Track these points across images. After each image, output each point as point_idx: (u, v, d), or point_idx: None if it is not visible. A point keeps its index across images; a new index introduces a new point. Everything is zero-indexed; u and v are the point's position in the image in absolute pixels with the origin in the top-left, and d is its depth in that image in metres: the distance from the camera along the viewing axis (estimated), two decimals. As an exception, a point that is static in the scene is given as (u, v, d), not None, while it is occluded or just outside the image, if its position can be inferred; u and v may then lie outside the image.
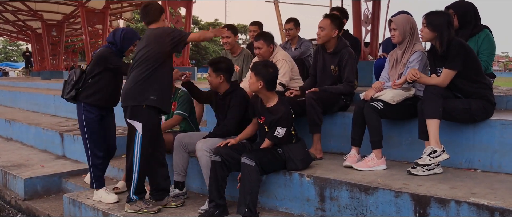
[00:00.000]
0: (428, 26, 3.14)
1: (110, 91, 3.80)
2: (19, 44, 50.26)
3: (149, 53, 3.38)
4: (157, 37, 3.41)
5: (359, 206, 2.96)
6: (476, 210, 2.44)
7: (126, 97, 3.46)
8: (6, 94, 12.04)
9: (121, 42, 3.75)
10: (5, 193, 5.41)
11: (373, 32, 8.79)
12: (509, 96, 3.85)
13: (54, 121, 7.87)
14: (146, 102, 3.38)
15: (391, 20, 3.49)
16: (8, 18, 20.03)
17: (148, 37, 3.46)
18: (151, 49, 3.38)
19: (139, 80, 3.39)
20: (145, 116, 3.42)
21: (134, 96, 3.41)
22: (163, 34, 3.40)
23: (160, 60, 3.40)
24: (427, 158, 3.04)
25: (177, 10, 10.05)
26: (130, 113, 3.45)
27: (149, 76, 3.39)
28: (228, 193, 3.42)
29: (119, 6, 18.01)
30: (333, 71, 3.92)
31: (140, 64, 3.41)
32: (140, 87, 3.38)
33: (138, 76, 3.40)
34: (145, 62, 3.38)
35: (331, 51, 3.92)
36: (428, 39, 3.20)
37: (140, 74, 3.39)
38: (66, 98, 3.86)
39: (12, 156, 6.42)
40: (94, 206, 3.80)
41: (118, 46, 3.76)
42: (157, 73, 3.41)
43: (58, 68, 19.19)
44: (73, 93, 3.76)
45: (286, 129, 3.27)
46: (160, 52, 3.39)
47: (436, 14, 3.16)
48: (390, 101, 3.32)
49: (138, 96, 3.39)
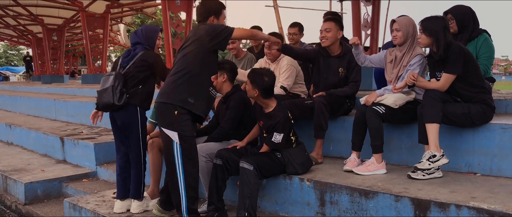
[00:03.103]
0: (424, 32, 3.15)
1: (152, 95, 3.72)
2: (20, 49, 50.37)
3: (188, 51, 3.16)
4: (196, 34, 3.20)
5: (359, 210, 2.96)
6: (476, 214, 2.44)
7: (160, 97, 3.20)
8: (7, 99, 12.06)
9: (146, 39, 3.60)
10: (6, 198, 5.41)
11: (372, 36, 8.81)
12: (508, 100, 3.85)
13: (55, 125, 7.88)
14: (182, 104, 3.10)
15: (394, 20, 3.49)
16: (9, 23, 20.12)
17: (190, 34, 3.26)
18: (191, 46, 3.16)
19: (175, 80, 3.15)
20: (180, 122, 3.12)
21: (168, 96, 3.14)
22: (205, 30, 3.16)
23: (200, 59, 3.15)
24: (427, 162, 3.04)
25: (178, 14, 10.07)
26: (162, 120, 3.18)
27: (188, 77, 3.13)
28: (228, 197, 3.42)
29: (120, 10, 18.08)
30: (341, 74, 3.94)
31: (177, 63, 3.20)
32: (178, 89, 3.12)
33: (175, 76, 3.16)
34: (184, 62, 3.16)
35: (338, 54, 3.95)
36: (425, 45, 3.22)
37: (176, 73, 3.15)
38: (119, 105, 3.49)
39: (13, 161, 6.43)
40: (94, 210, 3.81)
41: (145, 45, 3.60)
42: (197, 74, 3.15)
43: (59, 73, 19.24)
44: (125, 99, 3.50)
45: (284, 134, 3.27)
46: (201, 50, 3.15)
47: (431, 19, 3.18)
48: (393, 105, 3.32)
49: (174, 97, 3.12)
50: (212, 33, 3.13)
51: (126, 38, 27.48)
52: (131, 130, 3.59)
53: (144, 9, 18.20)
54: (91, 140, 5.87)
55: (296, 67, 4.14)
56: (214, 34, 3.13)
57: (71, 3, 15.28)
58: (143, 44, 3.60)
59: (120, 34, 26.22)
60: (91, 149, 5.65)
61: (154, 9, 20.88)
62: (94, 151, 5.61)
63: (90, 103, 7.62)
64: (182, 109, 3.11)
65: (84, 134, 6.57)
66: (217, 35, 3.14)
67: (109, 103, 3.51)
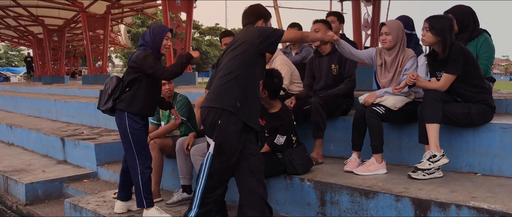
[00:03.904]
0: (431, 30, 3.12)
1: (152, 98, 3.49)
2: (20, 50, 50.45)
3: (237, 53, 2.97)
4: (245, 35, 3.04)
5: (359, 210, 2.96)
6: (477, 213, 2.44)
7: (205, 102, 3.01)
8: (8, 100, 12.08)
9: (152, 39, 3.43)
10: (7, 198, 5.42)
11: (373, 36, 8.82)
12: (509, 100, 3.85)
13: (55, 126, 7.89)
14: (229, 108, 2.87)
15: (384, 24, 3.44)
16: (10, 24, 20.14)
17: (237, 36, 3.12)
18: (240, 48, 2.99)
19: (223, 83, 2.93)
20: (223, 131, 2.87)
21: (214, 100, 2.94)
22: (255, 32, 3.01)
23: (248, 62, 2.96)
24: (427, 162, 3.04)
25: (178, 15, 10.08)
26: (205, 124, 2.98)
27: (236, 80, 2.92)
28: (229, 197, 3.42)
29: (120, 11, 18.08)
30: (334, 71, 3.96)
31: (223, 66, 3.01)
32: (225, 92, 2.92)
33: (222, 79, 2.96)
34: (232, 64, 2.96)
35: (328, 52, 3.98)
36: (430, 43, 3.19)
37: (223, 76, 2.96)
38: (102, 110, 3.48)
39: (14, 161, 6.44)
40: (95, 210, 3.81)
41: (151, 45, 3.43)
42: (246, 77, 2.94)
43: (59, 73, 19.27)
44: (111, 104, 3.40)
45: (286, 137, 3.29)
46: (249, 52, 2.97)
47: (439, 18, 3.16)
48: (392, 107, 3.33)
49: (221, 101, 2.91)
50: (263, 35, 2.97)
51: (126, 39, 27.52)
52: (121, 135, 3.45)
53: (145, 9, 18.21)
54: (91, 141, 5.88)
55: (290, 66, 4.14)
56: (264, 36, 2.96)
57: (71, 3, 15.30)
58: (145, 45, 3.47)
59: (121, 34, 26.23)
60: (91, 150, 5.66)
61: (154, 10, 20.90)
62: (94, 151, 5.61)
63: (90, 104, 7.63)
64: (229, 113, 2.87)
65: (84, 135, 6.58)
66: (267, 37, 2.97)
67: (98, 107, 3.51)
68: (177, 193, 3.89)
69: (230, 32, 4.80)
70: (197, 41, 43.03)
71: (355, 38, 8.84)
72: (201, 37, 45.57)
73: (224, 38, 4.62)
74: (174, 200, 3.85)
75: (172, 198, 3.88)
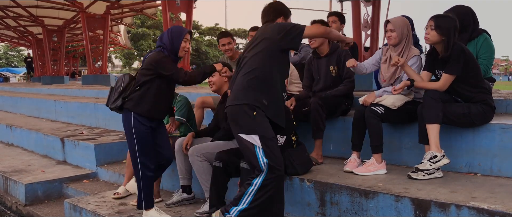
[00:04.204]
0: (436, 29, 3.10)
1: (163, 101, 3.40)
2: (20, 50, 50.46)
3: (258, 50, 2.91)
4: (265, 32, 2.96)
5: (359, 210, 2.96)
6: (476, 214, 2.44)
7: (231, 101, 2.90)
8: (7, 100, 12.07)
9: (171, 41, 3.33)
10: (6, 199, 5.41)
11: (372, 36, 8.82)
12: (508, 100, 3.85)
13: (55, 126, 7.88)
14: (258, 104, 2.80)
15: (389, 21, 3.48)
16: (9, 24, 20.16)
17: (257, 34, 3.03)
18: (261, 45, 2.92)
19: (248, 80, 2.86)
20: (260, 124, 2.79)
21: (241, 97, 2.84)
22: (274, 28, 2.94)
23: (270, 59, 2.90)
24: (428, 163, 3.04)
25: (177, 15, 10.08)
26: (237, 124, 2.84)
27: (260, 77, 2.86)
28: (228, 198, 3.42)
29: (120, 11, 18.10)
30: (333, 72, 3.95)
31: (246, 64, 2.94)
32: (251, 89, 2.84)
33: (245, 77, 2.88)
34: (255, 61, 2.90)
35: (327, 53, 3.97)
36: (433, 42, 3.16)
37: (247, 73, 2.89)
38: (111, 108, 3.41)
39: (13, 162, 6.43)
40: (95, 211, 3.81)
41: (169, 47, 3.34)
42: (269, 73, 2.89)
43: (59, 74, 19.27)
44: (120, 102, 3.33)
45: (286, 137, 3.29)
46: (270, 48, 2.90)
47: (446, 18, 3.15)
48: (391, 106, 3.33)
49: (249, 97, 2.82)
50: (282, 30, 2.90)
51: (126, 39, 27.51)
52: (126, 135, 3.40)
53: (144, 10, 18.23)
54: (91, 141, 5.87)
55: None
56: (284, 32, 2.89)
57: (71, 4, 15.32)
58: (162, 47, 3.36)
59: (121, 35, 26.25)
60: (91, 150, 5.65)
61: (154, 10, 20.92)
62: (94, 151, 5.61)
63: (90, 104, 7.62)
64: (259, 109, 2.81)
65: (84, 135, 6.57)
66: (287, 32, 2.89)
67: (107, 104, 3.46)
68: (176, 194, 3.89)
69: (227, 33, 4.80)
70: (196, 41, 43.07)
71: (355, 38, 8.84)
72: (200, 38, 45.62)
73: (222, 39, 4.62)
74: (173, 200, 3.85)
75: (172, 198, 3.88)
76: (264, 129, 2.80)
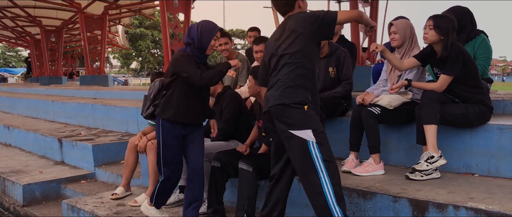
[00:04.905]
0: (435, 29, 3.11)
1: (191, 103, 3.13)
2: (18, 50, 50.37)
3: (289, 43, 2.64)
4: (298, 26, 2.64)
5: (357, 210, 2.96)
6: (474, 214, 2.45)
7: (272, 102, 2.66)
8: (5, 100, 12.04)
9: (199, 38, 3.06)
10: (4, 199, 5.40)
11: (371, 37, 8.82)
12: (506, 101, 3.86)
13: (53, 126, 7.87)
14: (305, 100, 2.60)
15: (392, 24, 3.51)
16: (7, 24, 20.09)
17: (285, 26, 2.73)
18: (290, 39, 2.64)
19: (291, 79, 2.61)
20: (311, 117, 2.59)
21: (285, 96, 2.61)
22: (304, 18, 2.65)
23: (306, 52, 2.63)
24: (425, 163, 3.04)
25: (176, 16, 10.07)
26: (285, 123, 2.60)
27: (303, 75, 2.63)
28: (227, 198, 3.42)
29: (118, 11, 18.06)
30: (332, 73, 3.95)
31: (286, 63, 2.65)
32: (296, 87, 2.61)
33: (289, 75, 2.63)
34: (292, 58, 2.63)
35: (326, 54, 3.96)
36: (432, 42, 3.17)
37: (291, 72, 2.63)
38: (144, 117, 3.28)
39: (11, 162, 6.42)
40: (92, 212, 3.80)
41: (196, 44, 3.07)
42: (307, 70, 2.66)
43: (57, 74, 19.22)
44: (151, 110, 3.18)
45: None
46: (304, 40, 2.62)
47: (445, 18, 3.16)
48: (387, 106, 3.33)
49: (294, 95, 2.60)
50: (316, 20, 2.60)
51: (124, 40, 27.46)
52: (157, 142, 3.23)
53: (142, 10, 18.19)
54: (89, 141, 5.87)
55: None
56: (318, 22, 2.59)
57: (69, 4, 15.27)
58: (190, 43, 3.10)
59: (119, 35, 26.20)
60: (89, 150, 5.65)
61: (152, 11, 20.87)
62: (92, 152, 5.61)
63: (88, 105, 7.61)
64: (309, 103, 2.62)
65: (82, 135, 6.57)
66: (322, 22, 2.59)
67: (141, 113, 3.32)
68: (174, 194, 3.88)
69: (225, 33, 4.80)
70: (195, 41, 42.94)
71: (353, 39, 8.85)
72: (199, 38, 45.48)
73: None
74: (171, 201, 3.84)
75: (170, 199, 3.87)
76: (315, 122, 2.60)
